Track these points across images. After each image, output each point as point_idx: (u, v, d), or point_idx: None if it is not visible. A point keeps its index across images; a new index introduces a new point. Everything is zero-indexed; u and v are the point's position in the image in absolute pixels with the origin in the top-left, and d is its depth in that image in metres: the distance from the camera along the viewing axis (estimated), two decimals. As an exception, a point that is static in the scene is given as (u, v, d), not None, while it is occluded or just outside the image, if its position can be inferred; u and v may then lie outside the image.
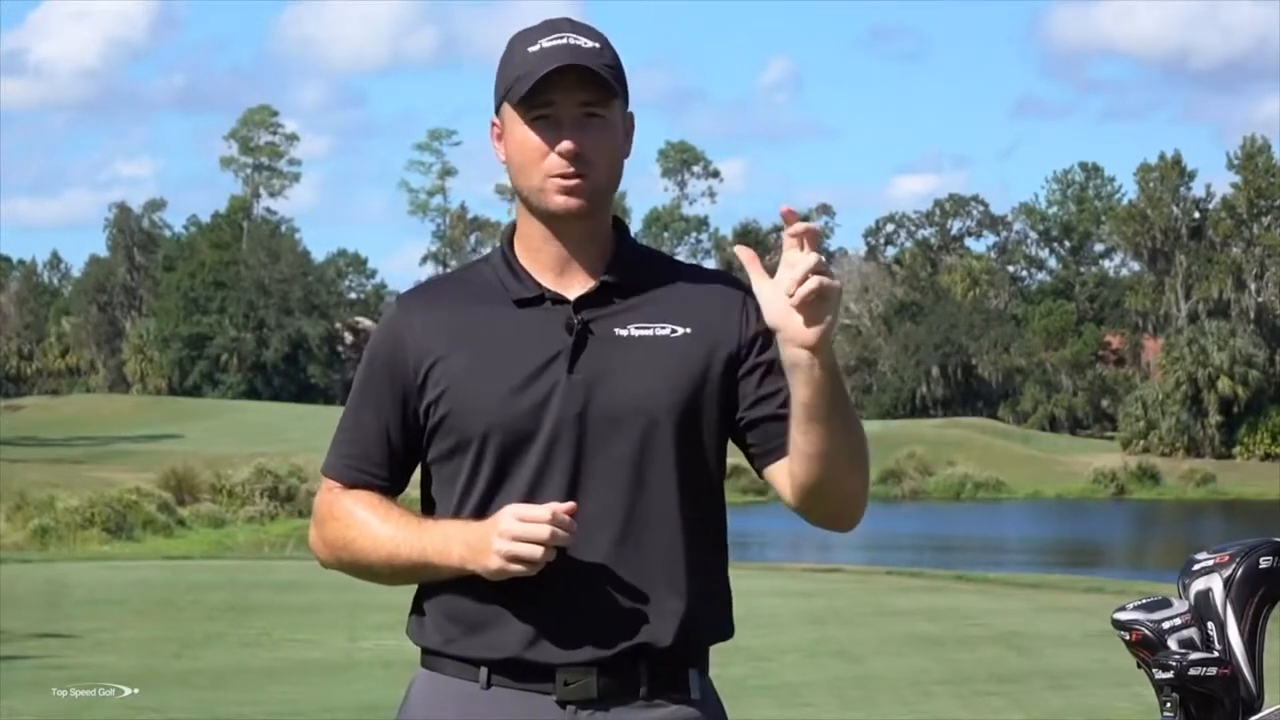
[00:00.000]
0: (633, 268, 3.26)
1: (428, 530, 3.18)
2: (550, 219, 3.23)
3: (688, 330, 3.22)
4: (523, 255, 3.27)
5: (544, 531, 3.05)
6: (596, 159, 3.20)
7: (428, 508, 3.28)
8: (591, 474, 3.16)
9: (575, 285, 3.24)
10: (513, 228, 3.31)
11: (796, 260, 3.03)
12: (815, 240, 3.03)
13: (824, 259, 3.02)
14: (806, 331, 3.04)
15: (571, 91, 3.18)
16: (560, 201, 3.19)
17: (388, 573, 3.22)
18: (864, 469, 3.20)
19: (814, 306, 3.02)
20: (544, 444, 3.16)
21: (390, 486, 3.28)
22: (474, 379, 3.18)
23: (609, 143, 3.22)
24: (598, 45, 3.21)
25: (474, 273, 3.32)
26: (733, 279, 3.32)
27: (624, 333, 3.21)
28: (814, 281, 3.00)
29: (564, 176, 3.18)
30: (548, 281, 3.24)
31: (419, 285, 3.35)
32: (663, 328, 3.22)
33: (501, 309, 3.23)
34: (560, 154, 3.18)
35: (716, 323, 3.23)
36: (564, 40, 3.19)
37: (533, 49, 3.20)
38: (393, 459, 3.27)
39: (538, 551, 3.05)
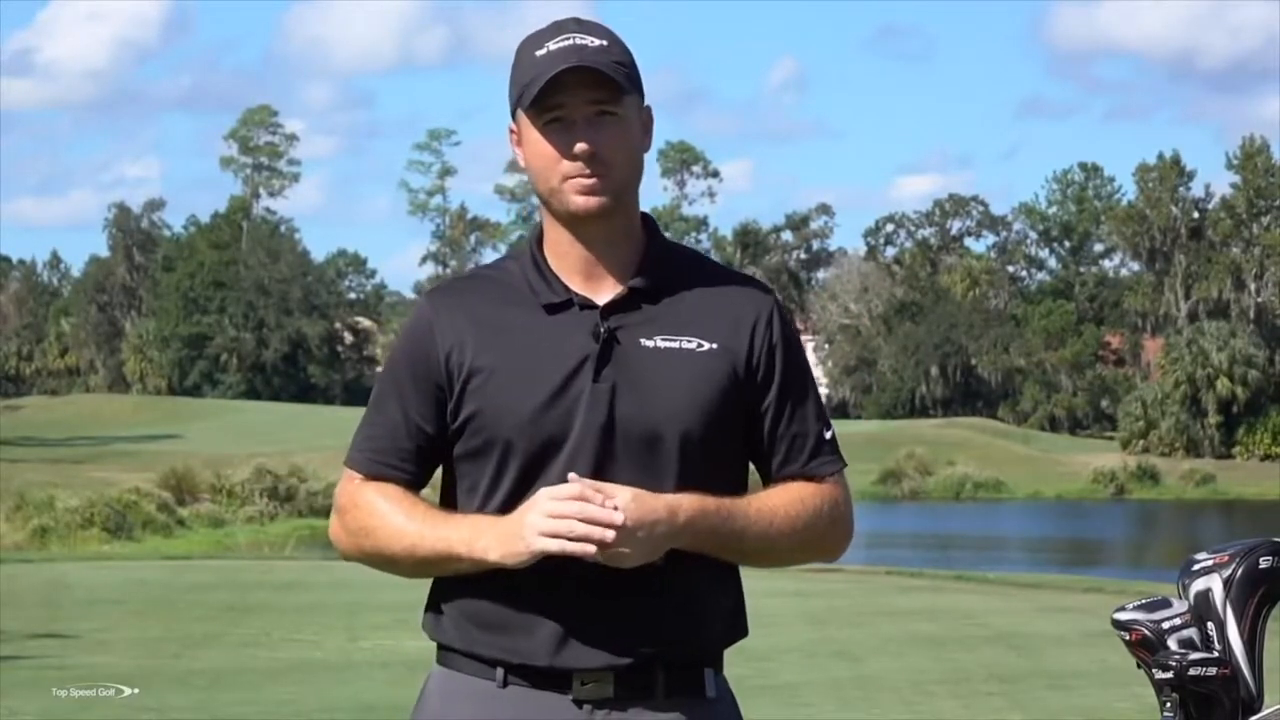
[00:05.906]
0: (663, 272, 3.23)
1: (452, 522, 3.15)
2: (573, 221, 3.19)
3: (714, 346, 3.19)
4: (551, 258, 3.24)
5: (575, 508, 3.03)
6: (613, 158, 3.16)
7: (447, 505, 3.25)
8: (613, 483, 3.11)
9: (604, 289, 3.21)
10: (540, 228, 3.28)
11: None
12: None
13: (607, 512, 3.03)
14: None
15: (580, 92, 3.14)
16: (580, 202, 3.16)
17: (409, 563, 3.18)
18: (805, 545, 3.24)
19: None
20: (569, 451, 3.14)
21: (412, 480, 3.24)
22: (503, 381, 3.15)
23: (625, 140, 3.18)
24: (605, 43, 3.17)
25: (503, 272, 3.28)
26: (763, 286, 3.29)
27: (650, 344, 3.18)
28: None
29: (582, 178, 3.15)
30: (576, 285, 3.21)
31: (448, 282, 3.32)
32: (689, 341, 3.19)
33: (531, 312, 3.20)
34: (576, 156, 3.14)
35: (743, 337, 3.21)
36: (570, 41, 3.15)
37: (540, 53, 3.16)
38: (415, 453, 3.24)
39: (574, 527, 3.03)
